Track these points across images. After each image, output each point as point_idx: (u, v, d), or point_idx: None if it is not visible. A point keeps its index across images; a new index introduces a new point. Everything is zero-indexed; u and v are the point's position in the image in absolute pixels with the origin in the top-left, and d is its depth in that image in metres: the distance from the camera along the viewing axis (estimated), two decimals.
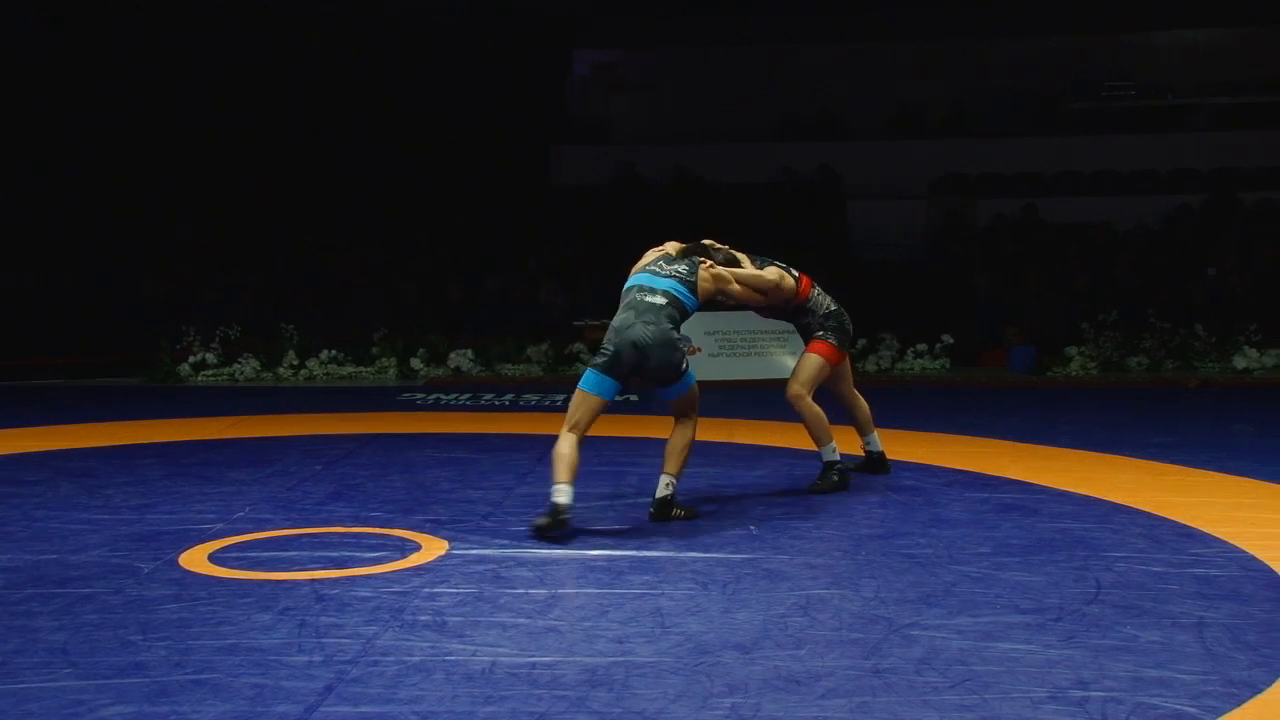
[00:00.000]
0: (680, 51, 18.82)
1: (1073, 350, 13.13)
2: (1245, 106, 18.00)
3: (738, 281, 6.38)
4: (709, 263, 6.28)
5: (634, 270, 6.29)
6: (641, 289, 6.07)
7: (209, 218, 15.97)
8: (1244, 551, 5.26)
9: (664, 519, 5.95)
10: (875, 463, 7.12)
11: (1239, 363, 12.87)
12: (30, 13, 15.71)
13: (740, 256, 6.58)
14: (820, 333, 6.67)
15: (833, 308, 6.75)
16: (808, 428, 6.62)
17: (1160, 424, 9.35)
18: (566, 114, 18.83)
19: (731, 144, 17.64)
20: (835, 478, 6.64)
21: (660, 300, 5.99)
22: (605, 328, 6.23)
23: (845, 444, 7.10)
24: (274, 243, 15.63)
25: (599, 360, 5.92)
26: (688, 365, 6.00)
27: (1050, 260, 15.08)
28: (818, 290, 6.78)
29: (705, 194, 16.85)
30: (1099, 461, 7.58)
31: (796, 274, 6.70)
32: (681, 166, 17.36)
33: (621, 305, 6.09)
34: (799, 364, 6.66)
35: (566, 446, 5.76)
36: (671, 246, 6.46)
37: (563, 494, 5.64)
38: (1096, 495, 6.47)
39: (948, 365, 13.42)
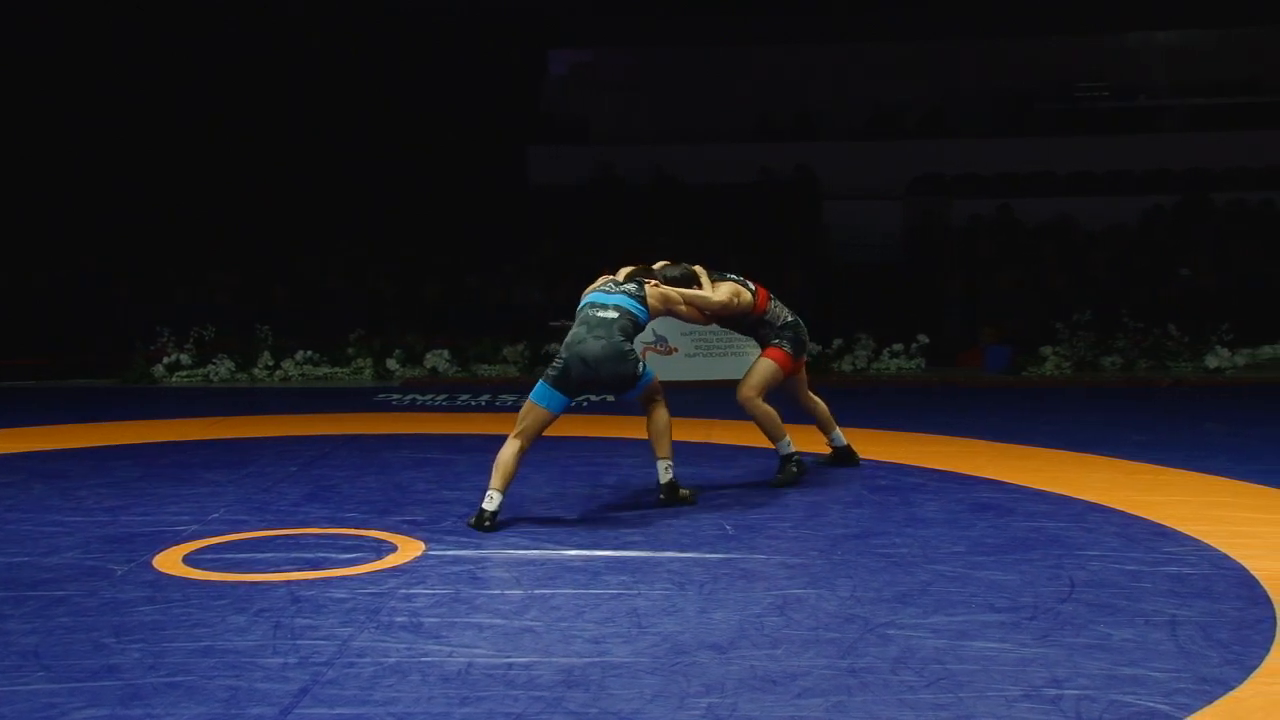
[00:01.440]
0: (658, 52, 18.81)
1: (1047, 350, 13.20)
2: (1218, 108, 18.13)
3: (685, 301, 6.50)
4: (654, 282, 6.39)
5: (585, 292, 6.41)
6: (593, 305, 6.21)
7: (183, 218, 15.88)
8: (1216, 550, 5.30)
9: (674, 502, 6.19)
10: (844, 456, 7.27)
11: (1211, 362, 12.95)
12: None
13: (700, 272, 6.67)
14: (776, 340, 6.82)
15: (789, 319, 6.89)
16: (761, 427, 6.81)
17: (1134, 423, 9.41)
18: (544, 114, 18.80)
19: (709, 144, 17.65)
20: (794, 469, 6.82)
21: (612, 314, 6.11)
22: None
23: (807, 444, 7.14)
24: (249, 243, 15.55)
25: (550, 373, 6.10)
26: (643, 367, 6.12)
27: (1025, 260, 15.15)
28: (775, 303, 6.90)
29: (682, 194, 16.86)
30: (1073, 461, 7.62)
31: (753, 287, 6.81)
32: (659, 166, 17.36)
33: (575, 323, 6.24)
34: (751, 369, 6.81)
35: (508, 453, 5.93)
36: (621, 273, 6.53)
37: (492, 501, 5.82)
38: (1071, 494, 6.50)
39: (923, 365, 13.46)
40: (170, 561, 5.22)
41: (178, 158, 16.41)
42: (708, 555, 5.28)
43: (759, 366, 6.77)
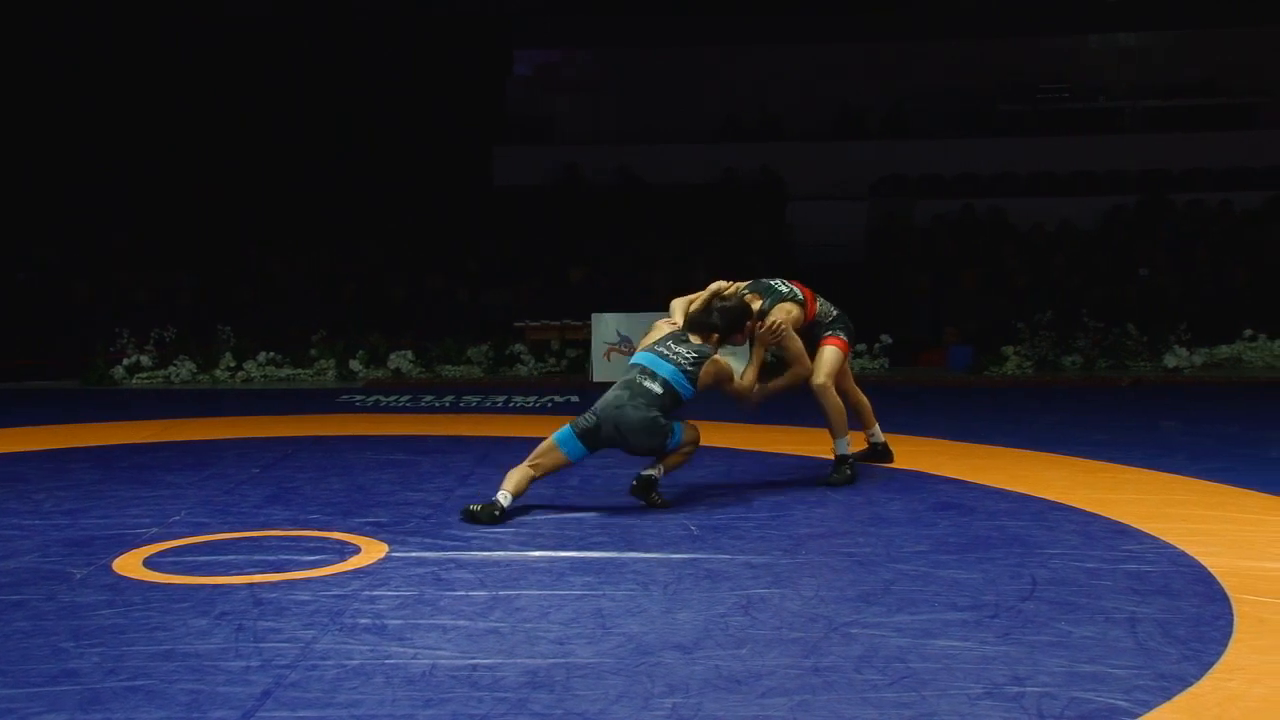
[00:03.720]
0: (622, 52, 18.82)
1: (1009, 350, 13.30)
2: (1176, 109, 18.33)
3: (735, 388, 6.45)
4: (718, 357, 6.35)
5: (643, 342, 6.40)
6: (643, 371, 6.18)
7: (144, 217, 15.75)
8: (1174, 547, 5.36)
9: (642, 496, 6.18)
10: (880, 453, 7.39)
11: (1169, 361, 13.10)
12: None
13: (751, 299, 6.67)
14: (829, 331, 6.91)
15: (835, 312, 7.00)
16: (828, 417, 6.82)
17: (1094, 422, 9.50)
18: (507, 114, 18.77)
19: (673, 145, 17.68)
20: (848, 471, 6.83)
21: (657, 389, 6.12)
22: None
23: (791, 445, 7.15)
24: (210, 243, 15.44)
25: (580, 424, 6.11)
26: (671, 432, 6.14)
27: (987, 260, 15.26)
28: (821, 301, 6.99)
29: (647, 195, 16.88)
30: (1034, 460, 7.68)
31: (801, 296, 6.84)
32: (623, 167, 17.38)
33: (620, 379, 6.25)
34: (819, 358, 6.84)
35: (520, 474, 6.03)
36: (679, 308, 6.48)
37: (505, 499, 5.91)
38: (1032, 493, 6.55)
39: (887, 365, 13.53)
40: (130, 564, 5.17)
41: (137, 157, 16.27)
42: (672, 555, 5.29)
43: (825, 355, 6.84)
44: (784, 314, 6.67)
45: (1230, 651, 4.01)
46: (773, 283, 6.86)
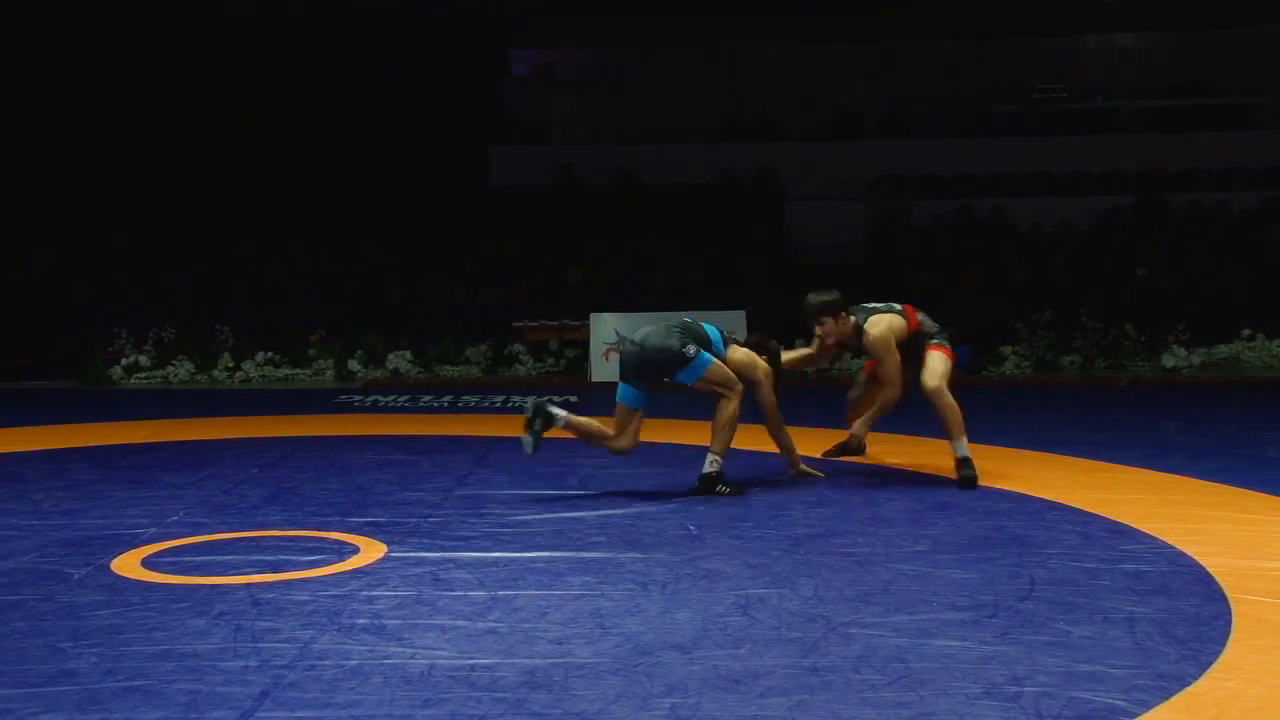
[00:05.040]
0: (619, 52, 18.82)
1: (1007, 349, 13.31)
2: (1173, 109, 18.35)
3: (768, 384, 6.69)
4: (761, 361, 6.67)
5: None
6: (689, 321, 6.64)
7: (142, 218, 15.74)
8: (1173, 547, 5.36)
9: (707, 493, 6.40)
10: (853, 448, 7.21)
11: (1168, 361, 13.11)
12: None
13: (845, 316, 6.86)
14: (933, 340, 6.92)
15: (938, 327, 7.04)
16: (943, 419, 6.80)
17: (1092, 422, 9.50)
18: (505, 115, 18.76)
19: (670, 145, 17.67)
20: (970, 471, 6.76)
21: (689, 321, 6.56)
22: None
23: (803, 447, 7.14)
24: (208, 243, 15.43)
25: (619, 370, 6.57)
26: (695, 352, 6.36)
27: (986, 261, 15.26)
28: (923, 316, 7.02)
29: (644, 195, 16.87)
30: (1033, 460, 7.68)
31: (899, 308, 6.94)
32: (620, 167, 17.37)
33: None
34: (927, 362, 6.83)
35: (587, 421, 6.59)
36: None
37: (561, 414, 6.46)
38: (1030, 493, 6.56)
39: None
40: (129, 565, 5.17)
41: (137, 157, 16.26)
42: (671, 556, 5.29)
43: (933, 359, 6.84)
44: (885, 324, 6.75)
45: (1228, 651, 4.01)
46: (867, 305, 6.97)
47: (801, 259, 16.05)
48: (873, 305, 6.97)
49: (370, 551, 5.39)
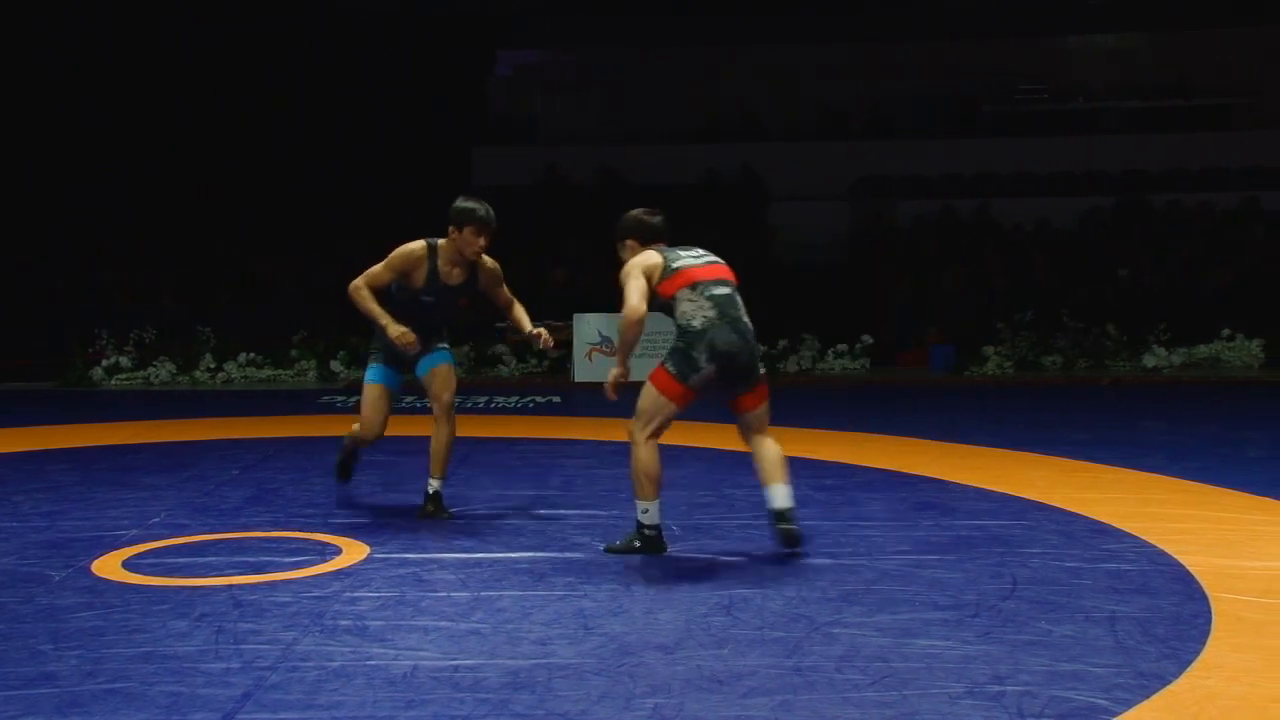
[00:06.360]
0: (603, 53, 18.82)
1: (989, 350, 13.35)
2: (1154, 110, 18.43)
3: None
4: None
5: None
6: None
7: (123, 217, 15.66)
8: (1153, 546, 5.38)
9: (430, 516, 5.97)
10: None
11: (1149, 361, 13.17)
12: None
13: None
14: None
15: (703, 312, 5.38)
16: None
17: (1074, 422, 9.54)
18: (488, 115, 18.74)
19: (654, 145, 17.69)
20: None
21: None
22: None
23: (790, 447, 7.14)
24: (190, 243, 15.37)
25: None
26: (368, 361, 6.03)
27: (968, 261, 15.31)
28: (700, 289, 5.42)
29: (628, 194, 16.82)
30: (1015, 459, 7.71)
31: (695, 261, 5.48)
32: (604, 167, 17.36)
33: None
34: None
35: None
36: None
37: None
38: (1013, 493, 6.58)
39: (868, 365, 13.57)
40: (109, 566, 5.15)
41: (117, 156, 16.18)
42: (653, 556, 5.28)
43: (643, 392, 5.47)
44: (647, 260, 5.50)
45: (1208, 650, 4.03)
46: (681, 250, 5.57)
47: (785, 259, 16.09)
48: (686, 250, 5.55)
49: (353, 552, 5.38)
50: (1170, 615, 4.40)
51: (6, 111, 15.89)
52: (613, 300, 14.95)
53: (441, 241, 5.99)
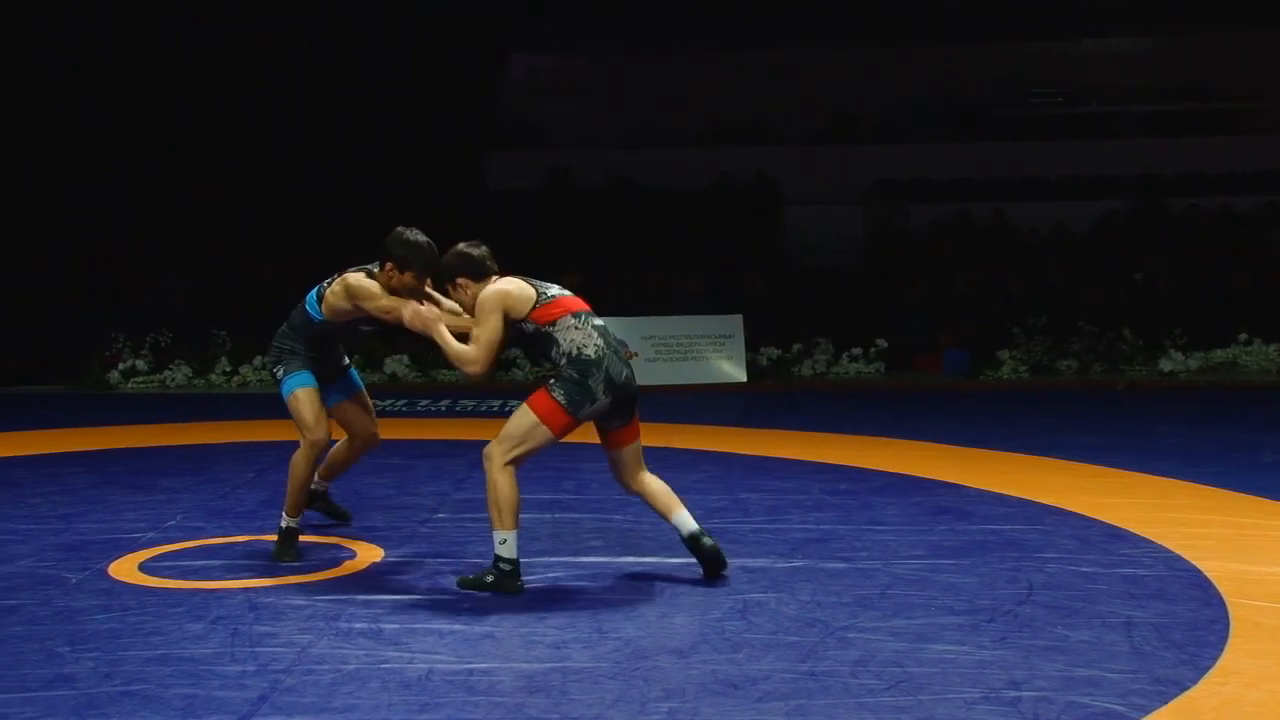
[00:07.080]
0: (615, 56, 18.83)
1: (1004, 354, 13.32)
2: (1170, 114, 18.37)
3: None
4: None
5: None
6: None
7: (139, 220, 15.71)
8: (1170, 551, 5.36)
9: (281, 559, 5.33)
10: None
11: (1165, 365, 13.13)
12: None
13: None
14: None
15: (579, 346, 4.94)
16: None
17: (1089, 426, 9.51)
18: (500, 118, 18.76)
19: (667, 149, 17.68)
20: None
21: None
22: None
23: (802, 450, 7.14)
24: (206, 247, 15.41)
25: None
26: (281, 373, 5.76)
27: (982, 265, 15.28)
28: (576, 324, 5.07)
29: (640, 199, 16.86)
30: (1031, 464, 7.69)
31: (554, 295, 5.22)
32: (616, 171, 17.35)
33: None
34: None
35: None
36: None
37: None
38: (1028, 497, 6.56)
39: (882, 369, 13.54)
40: (126, 569, 5.16)
41: (132, 160, 16.23)
42: (668, 560, 5.28)
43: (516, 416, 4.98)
44: (504, 290, 5.22)
45: (1226, 656, 4.01)
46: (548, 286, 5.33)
47: (799, 263, 16.08)
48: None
49: (367, 555, 5.39)
50: (1187, 621, 4.38)
51: (26, 115, 15.95)
52: (622, 303, 14.90)
53: (377, 271, 5.59)
